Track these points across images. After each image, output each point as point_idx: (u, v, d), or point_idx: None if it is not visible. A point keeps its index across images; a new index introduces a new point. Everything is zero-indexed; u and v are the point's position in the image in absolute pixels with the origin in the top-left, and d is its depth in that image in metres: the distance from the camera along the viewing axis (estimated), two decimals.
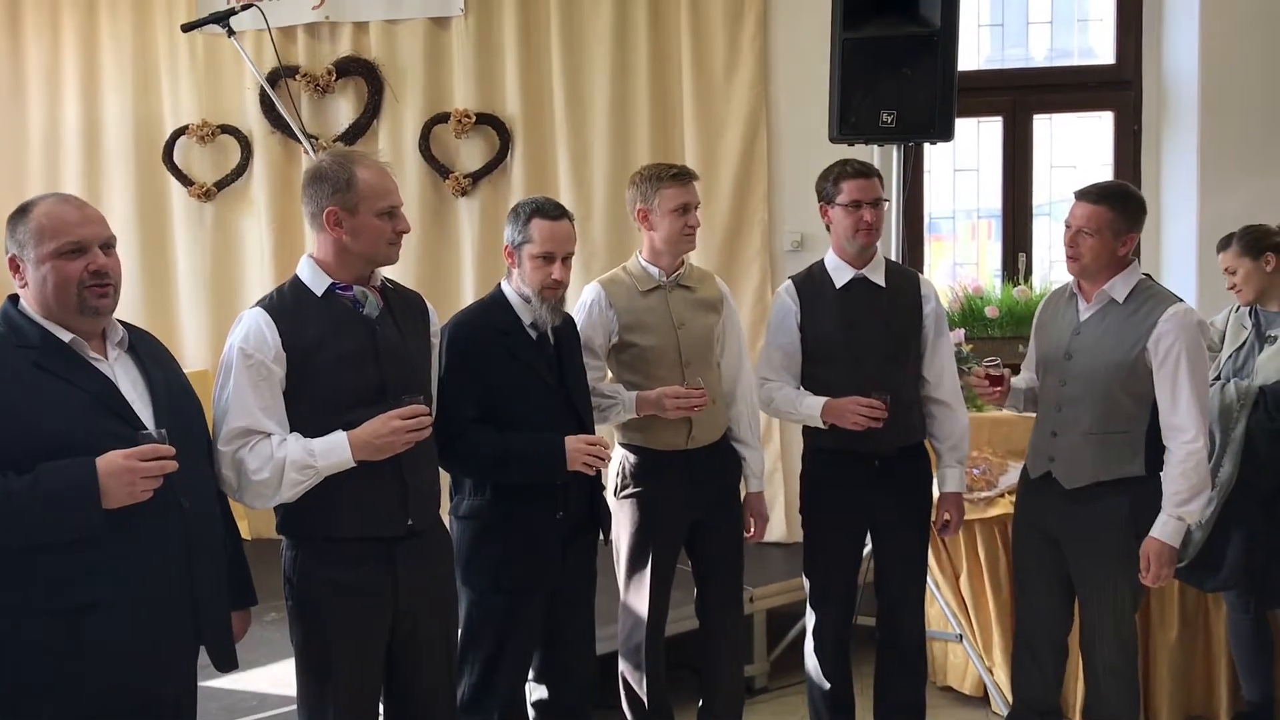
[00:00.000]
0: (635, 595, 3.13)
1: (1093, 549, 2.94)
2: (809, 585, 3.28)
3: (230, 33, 3.89)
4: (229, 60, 4.94)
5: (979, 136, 5.02)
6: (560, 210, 2.80)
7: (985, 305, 4.68)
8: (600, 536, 2.99)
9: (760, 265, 4.72)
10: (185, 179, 5.07)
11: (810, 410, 3.10)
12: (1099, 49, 5.00)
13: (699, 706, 3.31)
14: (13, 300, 2.12)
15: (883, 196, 3.14)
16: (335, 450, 2.33)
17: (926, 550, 3.31)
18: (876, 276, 3.16)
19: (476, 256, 4.90)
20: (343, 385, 2.39)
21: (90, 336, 2.12)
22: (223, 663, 2.29)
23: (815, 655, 3.28)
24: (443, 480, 2.67)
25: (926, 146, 4.20)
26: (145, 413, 2.11)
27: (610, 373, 3.15)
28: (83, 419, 2.02)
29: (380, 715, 2.58)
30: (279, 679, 3.21)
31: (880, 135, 3.83)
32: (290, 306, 2.41)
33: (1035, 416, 3.14)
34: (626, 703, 3.25)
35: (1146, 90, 4.71)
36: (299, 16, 4.90)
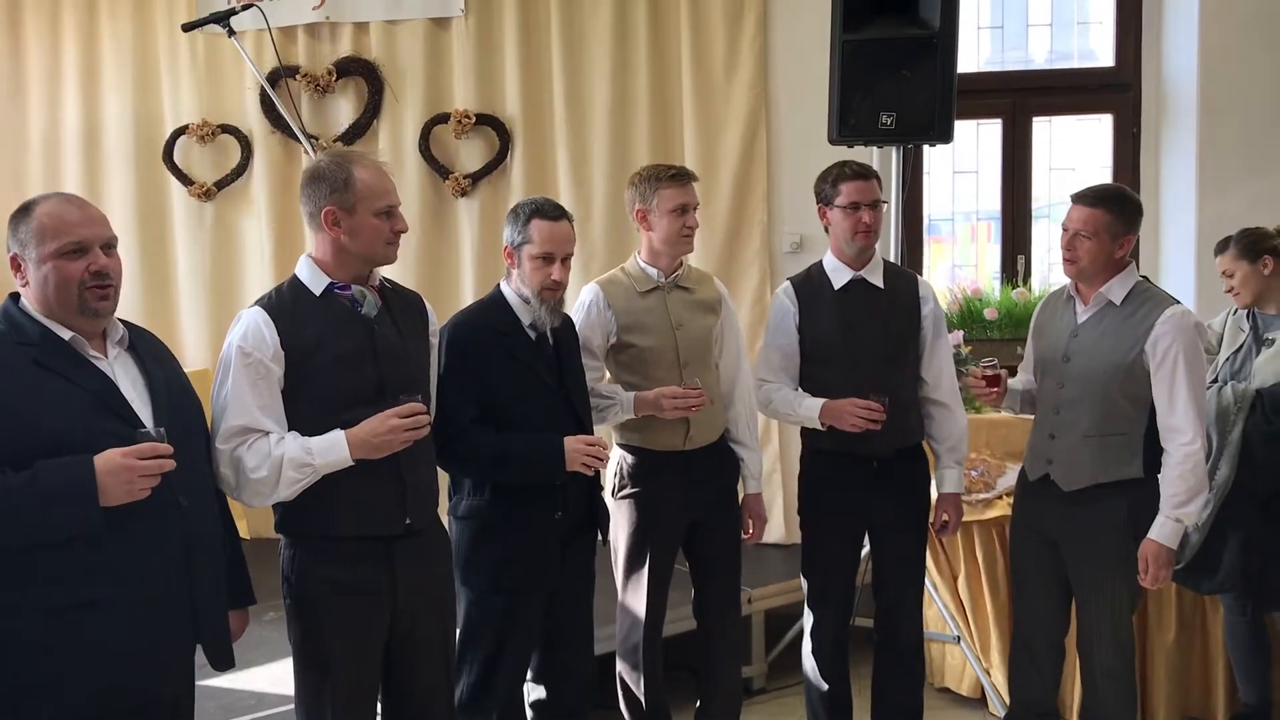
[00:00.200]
0: (633, 595, 3.14)
1: (1091, 551, 2.94)
2: (807, 586, 3.28)
3: (230, 33, 3.89)
4: (229, 60, 4.95)
5: (978, 138, 5.02)
6: (560, 211, 2.80)
7: (984, 307, 4.69)
8: (599, 537, 3.00)
9: (759, 266, 4.73)
10: (185, 178, 5.08)
11: (808, 412, 3.10)
12: (1098, 51, 5.01)
13: (696, 707, 3.31)
14: (13, 298, 2.12)
15: (881, 198, 3.14)
16: (333, 449, 2.33)
17: (924, 552, 3.31)
18: (875, 278, 3.17)
19: (476, 257, 4.90)
20: (341, 384, 2.39)
21: (90, 335, 2.12)
22: (220, 662, 2.29)
23: (813, 656, 3.28)
24: (441, 480, 2.68)
25: (926, 148, 4.20)
26: (144, 411, 2.11)
27: (608, 373, 3.15)
28: (82, 417, 2.03)
29: (378, 714, 2.59)
30: (277, 678, 3.22)
31: (879, 137, 3.83)
32: (289, 305, 2.41)
33: (1033, 419, 3.14)
34: (624, 703, 3.25)
35: (1146, 93, 4.71)
36: (299, 16, 4.91)
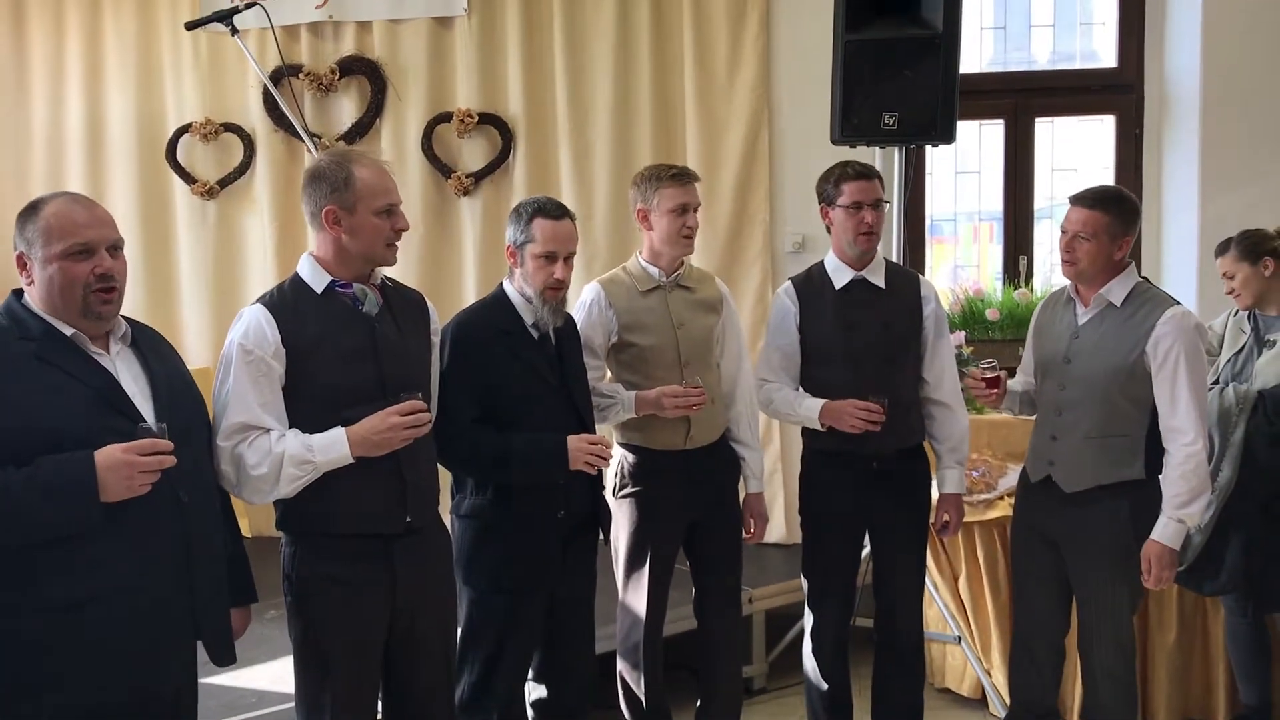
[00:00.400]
0: (633, 595, 3.14)
1: (1092, 552, 2.94)
2: (807, 586, 3.28)
3: (234, 31, 3.89)
4: (232, 58, 4.96)
5: (980, 139, 5.02)
6: (562, 210, 2.81)
7: (986, 308, 4.69)
8: (600, 536, 3.00)
9: (761, 266, 4.73)
10: (188, 177, 5.08)
11: (808, 412, 3.11)
12: (1101, 52, 5.00)
13: (697, 707, 3.32)
14: (16, 294, 2.13)
15: (883, 198, 3.15)
16: (334, 446, 2.34)
17: (925, 552, 3.31)
18: (876, 278, 3.17)
19: (478, 256, 4.91)
20: (341, 382, 2.40)
21: (93, 334, 2.13)
22: (220, 658, 2.29)
23: (813, 656, 3.28)
24: (442, 478, 2.68)
25: (928, 149, 4.20)
26: (146, 407, 2.12)
27: (609, 372, 3.15)
28: (83, 413, 2.03)
29: (379, 712, 2.59)
30: (278, 676, 3.22)
31: (882, 137, 3.83)
32: (290, 303, 2.42)
33: (1034, 420, 3.13)
34: (624, 702, 3.25)
35: (1148, 94, 4.71)
36: (302, 15, 4.91)
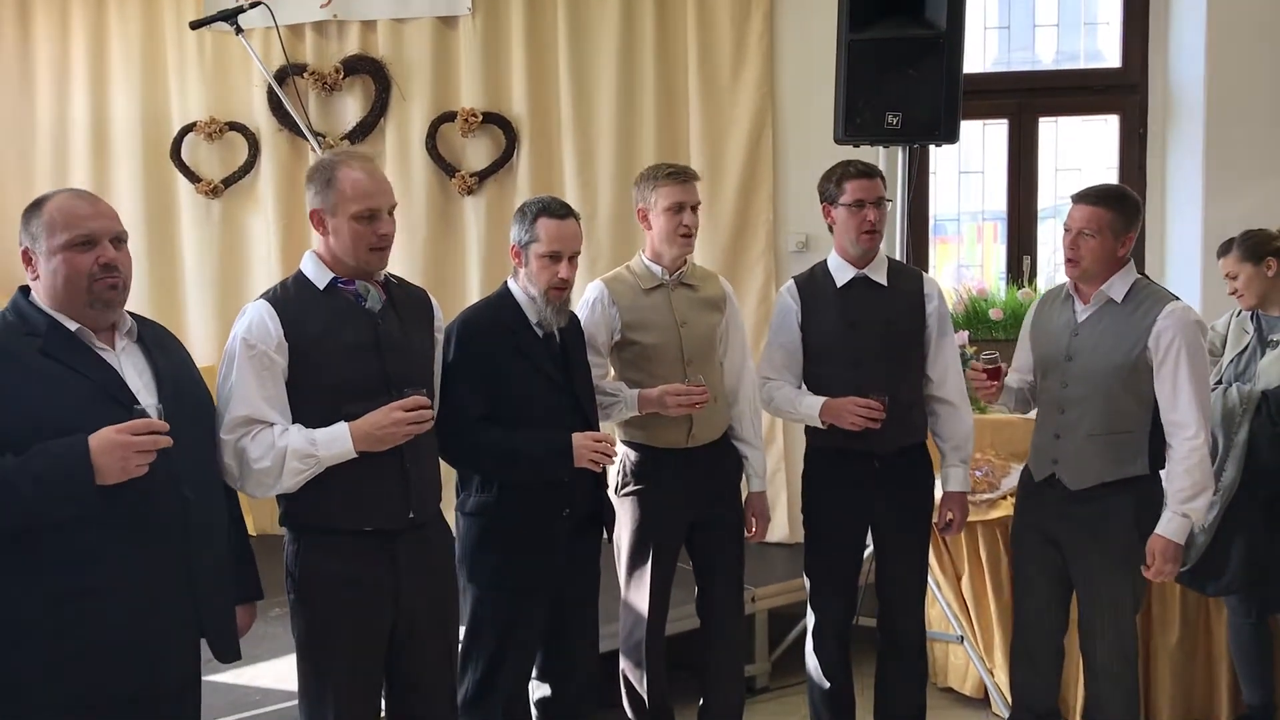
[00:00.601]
0: (636, 593, 3.14)
1: (1097, 550, 2.94)
2: (809, 585, 3.28)
3: (238, 30, 3.90)
4: (237, 58, 4.96)
5: (984, 138, 5.01)
6: (566, 209, 2.81)
7: (990, 307, 4.69)
8: (605, 535, 3.00)
9: (765, 266, 4.73)
10: (193, 176, 5.09)
11: (809, 410, 3.11)
12: (1105, 52, 4.99)
13: (699, 706, 3.32)
14: (23, 291, 2.15)
15: (885, 196, 3.15)
16: (337, 441, 2.35)
17: (927, 551, 3.31)
18: (878, 275, 3.17)
19: (482, 255, 4.91)
20: (344, 377, 2.41)
21: (99, 328, 2.13)
22: (224, 654, 2.29)
23: (815, 655, 3.28)
24: (446, 475, 2.68)
25: (932, 148, 4.20)
26: (150, 402, 2.12)
27: (612, 370, 3.16)
28: (85, 406, 2.04)
29: (381, 709, 2.60)
30: (282, 674, 3.23)
31: (885, 137, 3.84)
32: (293, 298, 2.43)
33: (1035, 419, 3.13)
34: (627, 701, 3.25)
35: (1152, 94, 4.70)
36: (307, 15, 4.91)
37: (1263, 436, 3.24)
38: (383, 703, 2.59)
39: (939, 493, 3.28)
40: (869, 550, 3.33)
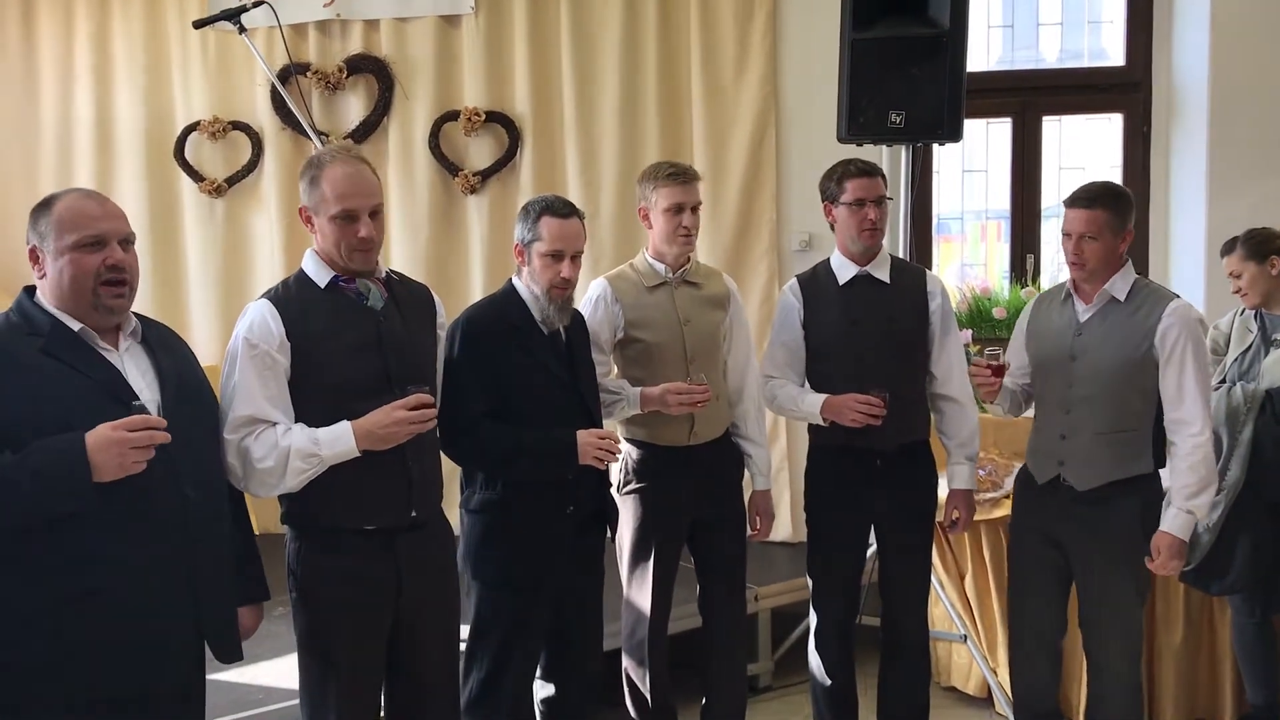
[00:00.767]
0: (638, 591, 3.14)
1: (1103, 550, 2.93)
2: (812, 584, 3.28)
3: (241, 29, 3.90)
4: (240, 57, 4.97)
5: (988, 137, 5.01)
6: (570, 208, 2.81)
7: (993, 306, 4.69)
8: (609, 533, 3.00)
9: (768, 264, 4.73)
10: (196, 175, 5.10)
11: (810, 407, 3.11)
12: (1109, 51, 4.99)
13: (702, 705, 3.32)
14: (28, 291, 2.15)
15: (886, 195, 3.14)
16: (340, 440, 2.34)
17: (930, 550, 3.31)
18: (881, 273, 3.16)
19: (485, 254, 4.91)
20: (347, 375, 2.40)
21: (103, 329, 2.13)
22: (226, 655, 2.29)
23: (818, 654, 3.28)
24: (450, 473, 2.68)
25: (935, 147, 4.20)
26: (153, 402, 2.12)
27: (615, 368, 3.16)
28: (86, 405, 2.03)
29: (382, 706, 2.60)
30: (285, 672, 3.22)
31: (889, 135, 3.83)
32: (295, 298, 2.43)
33: (1035, 421, 3.10)
34: (630, 699, 3.25)
35: (1156, 92, 4.70)
36: (310, 14, 4.92)
37: (1267, 435, 3.24)
38: (384, 700, 2.59)
39: (942, 491, 3.27)
40: (872, 549, 3.33)
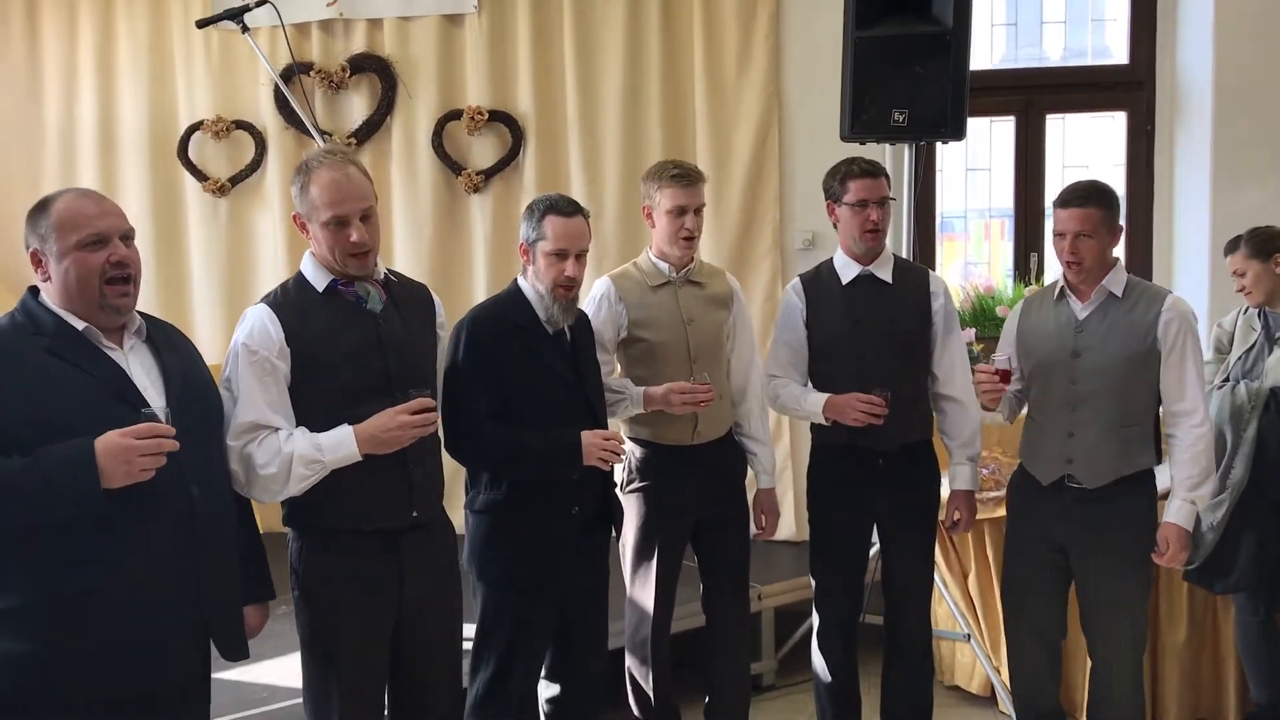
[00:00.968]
0: (641, 590, 3.14)
1: (1109, 549, 2.93)
2: (815, 583, 3.28)
3: (245, 29, 3.89)
4: (244, 56, 4.97)
5: (991, 136, 5.01)
6: (574, 207, 2.80)
7: (997, 305, 4.68)
8: (613, 533, 3.00)
9: (771, 263, 4.73)
10: (200, 174, 5.11)
11: (813, 407, 3.11)
12: (1113, 49, 4.99)
13: (705, 704, 3.32)
14: (33, 292, 2.14)
15: (889, 196, 3.14)
16: (342, 445, 2.35)
17: (933, 549, 3.30)
18: (883, 273, 3.16)
19: (488, 253, 4.92)
20: (348, 379, 2.41)
21: (107, 328, 2.13)
22: (231, 653, 2.29)
23: (821, 653, 3.28)
24: (456, 473, 2.68)
25: (938, 145, 4.19)
26: (157, 400, 2.12)
27: (619, 367, 3.16)
28: (91, 406, 2.04)
29: (385, 706, 2.60)
30: (289, 671, 3.23)
31: (892, 134, 3.83)
32: (294, 302, 2.43)
33: (1034, 423, 3.08)
34: (633, 698, 3.25)
35: (1160, 90, 4.69)
36: (313, 13, 4.92)
37: (1271, 433, 3.24)
38: (386, 699, 2.59)
39: (945, 490, 3.27)
40: (875, 548, 3.33)
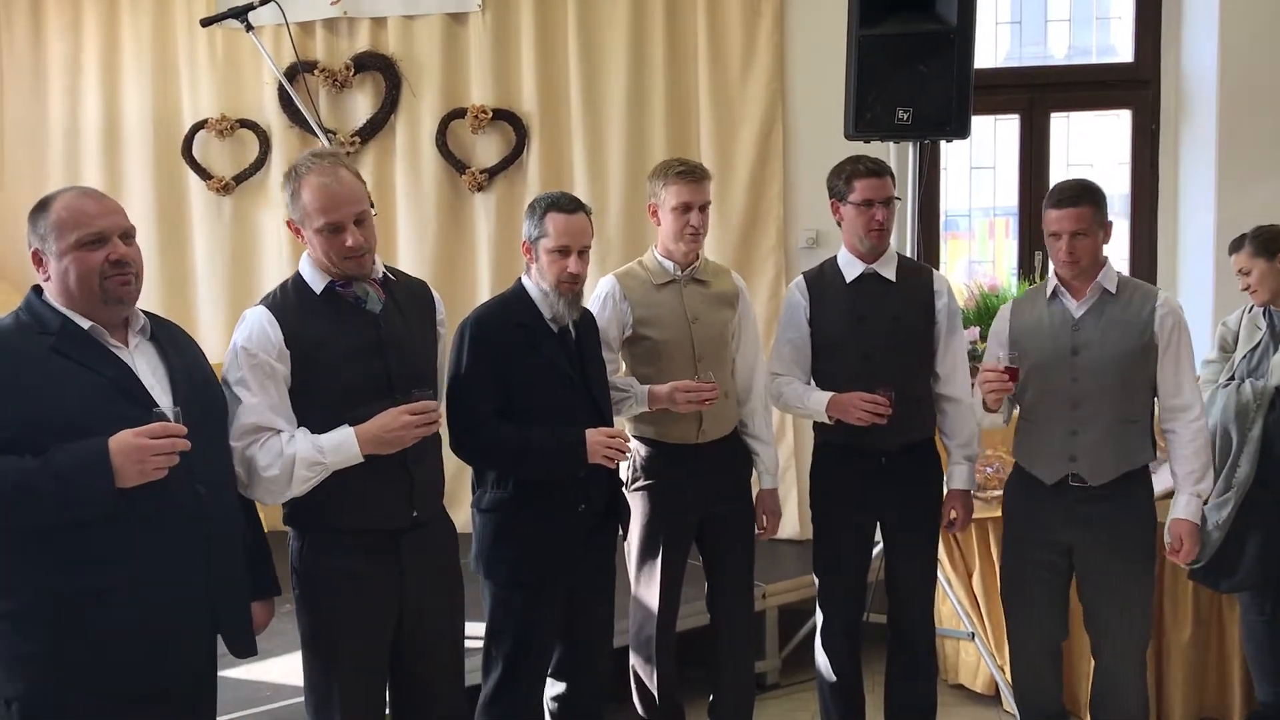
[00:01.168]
0: (646, 588, 3.14)
1: (1114, 547, 2.93)
2: (818, 582, 3.28)
3: (249, 28, 3.91)
4: (248, 55, 4.97)
5: (996, 134, 5.00)
6: (576, 204, 2.80)
7: (1001, 303, 4.67)
8: (620, 531, 3.00)
9: (775, 262, 4.73)
10: (204, 173, 5.11)
11: (816, 405, 3.10)
12: (1118, 47, 4.98)
13: (709, 702, 3.32)
14: (37, 291, 2.15)
15: (894, 195, 3.14)
16: (343, 446, 2.35)
17: (936, 547, 3.30)
18: (887, 271, 3.16)
19: (492, 252, 4.91)
20: (348, 380, 2.41)
21: (112, 326, 2.14)
22: (240, 650, 2.30)
23: (825, 652, 3.28)
24: (463, 473, 2.68)
25: (943, 144, 4.19)
26: (164, 399, 2.12)
27: (624, 365, 3.16)
28: (98, 404, 2.04)
29: (387, 705, 2.60)
30: (293, 670, 3.23)
31: (896, 132, 3.82)
32: (293, 304, 2.43)
33: (1033, 423, 3.06)
34: (637, 697, 3.26)
35: (1165, 89, 4.68)
36: (317, 12, 4.92)
37: (1276, 432, 3.23)
38: (388, 698, 2.60)
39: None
40: (879, 547, 3.33)
